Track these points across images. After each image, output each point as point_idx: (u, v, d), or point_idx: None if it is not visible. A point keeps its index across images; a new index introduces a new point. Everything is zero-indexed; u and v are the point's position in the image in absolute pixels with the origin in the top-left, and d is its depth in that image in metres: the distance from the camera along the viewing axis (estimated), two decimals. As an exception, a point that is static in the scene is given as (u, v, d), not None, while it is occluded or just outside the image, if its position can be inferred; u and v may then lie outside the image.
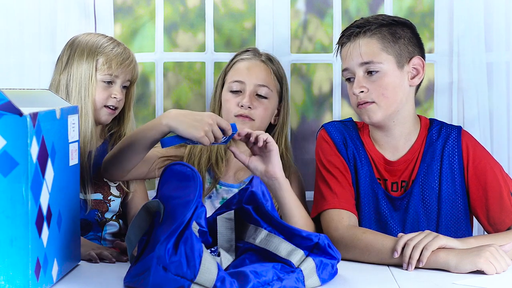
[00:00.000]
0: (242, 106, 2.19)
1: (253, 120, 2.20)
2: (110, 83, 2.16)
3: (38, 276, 1.58)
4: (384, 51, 2.02)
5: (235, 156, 2.00)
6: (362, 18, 2.09)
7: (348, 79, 2.07)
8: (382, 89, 2.01)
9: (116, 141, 2.21)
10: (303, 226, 1.97)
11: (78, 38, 2.19)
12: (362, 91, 2.02)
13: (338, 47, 2.10)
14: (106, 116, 2.17)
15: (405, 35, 2.05)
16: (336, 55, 2.11)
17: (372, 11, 2.53)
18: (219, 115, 2.22)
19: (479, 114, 2.50)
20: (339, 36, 2.10)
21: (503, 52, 2.51)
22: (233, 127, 1.91)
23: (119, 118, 2.24)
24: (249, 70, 2.23)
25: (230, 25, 2.56)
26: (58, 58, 2.20)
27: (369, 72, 2.02)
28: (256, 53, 2.29)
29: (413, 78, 2.06)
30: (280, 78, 2.28)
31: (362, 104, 2.02)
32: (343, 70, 2.07)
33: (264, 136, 1.96)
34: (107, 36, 2.21)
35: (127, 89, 2.22)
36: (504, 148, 2.52)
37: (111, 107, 2.17)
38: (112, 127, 2.25)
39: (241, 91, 2.22)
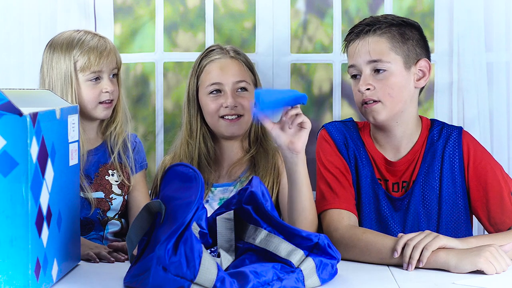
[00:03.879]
0: (227, 106, 2.19)
1: (242, 115, 2.21)
2: (97, 79, 2.14)
3: (38, 276, 1.58)
4: (393, 50, 2.02)
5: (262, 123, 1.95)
6: (371, 17, 2.09)
7: (354, 76, 2.06)
8: (389, 88, 2.01)
9: (115, 135, 2.20)
10: (308, 208, 1.95)
11: (53, 40, 2.17)
12: (368, 89, 2.01)
13: (345, 43, 2.09)
14: (103, 112, 2.16)
15: (413, 37, 2.05)
16: (344, 51, 2.10)
17: (372, 11, 2.54)
18: (200, 120, 2.23)
19: (479, 114, 2.50)
20: (347, 33, 2.09)
21: (503, 52, 2.51)
22: (304, 97, 1.89)
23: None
24: (223, 70, 2.22)
25: (230, 25, 2.56)
26: (41, 65, 2.19)
27: (376, 71, 2.01)
28: (222, 50, 2.27)
29: (419, 80, 2.06)
30: (251, 67, 2.28)
31: (367, 103, 2.02)
32: (350, 67, 2.06)
33: (300, 118, 1.91)
34: (81, 31, 2.17)
35: (116, 76, 2.19)
36: (504, 148, 2.52)
37: (106, 101, 2.15)
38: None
39: (220, 91, 2.22)
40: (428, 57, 2.08)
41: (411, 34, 2.05)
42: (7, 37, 2.51)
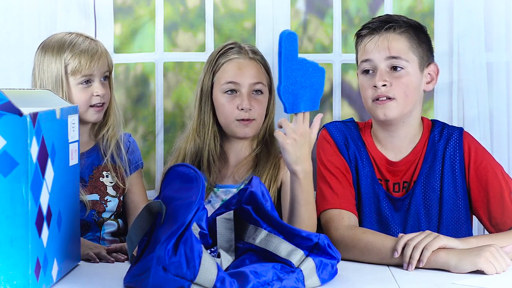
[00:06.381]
0: (242, 109, 2.18)
1: (254, 119, 2.20)
2: (88, 81, 2.13)
3: (38, 276, 1.58)
4: (411, 50, 2.03)
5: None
6: (387, 15, 2.12)
7: (366, 71, 2.05)
8: (404, 86, 2.01)
9: (107, 138, 2.19)
10: (305, 222, 1.93)
11: (45, 42, 2.17)
12: (384, 85, 2.01)
13: (357, 39, 2.09)
14: (95, 115, 2.15)
15: (426, 41, 2.08)
16: (357, 46, 2.10)
17: (372, 11, 2.53)
18: (212, 117, 2.22)
19: (479, 114, 2.50)
20: (360, 28, 2.09)
21: (503, 52, 2.51)
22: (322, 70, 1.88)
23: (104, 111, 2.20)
24: (241, 70, 2.20)
25: (230, 25, 2.56)
26: (33, 67, 2.18)
27: (393, 68, 2.02)
28: (240, 49, 2.24)
29: (428, 83, 2.08)
30: (267, 69, 2.26)
31: (381, 99, 2.01)
32: (363, 61, 2.06)
33: (276, 133, 1.90)
34: (73, 34, 2.16)
35: (108, 79, 2.18)
36: (504, 148, 2.52)
37: (97, 105, 2.15)
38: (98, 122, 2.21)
39: (236, 91, 2.21)
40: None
41: (424, 38, 2.07)
42: (7, 37, 2.51)
